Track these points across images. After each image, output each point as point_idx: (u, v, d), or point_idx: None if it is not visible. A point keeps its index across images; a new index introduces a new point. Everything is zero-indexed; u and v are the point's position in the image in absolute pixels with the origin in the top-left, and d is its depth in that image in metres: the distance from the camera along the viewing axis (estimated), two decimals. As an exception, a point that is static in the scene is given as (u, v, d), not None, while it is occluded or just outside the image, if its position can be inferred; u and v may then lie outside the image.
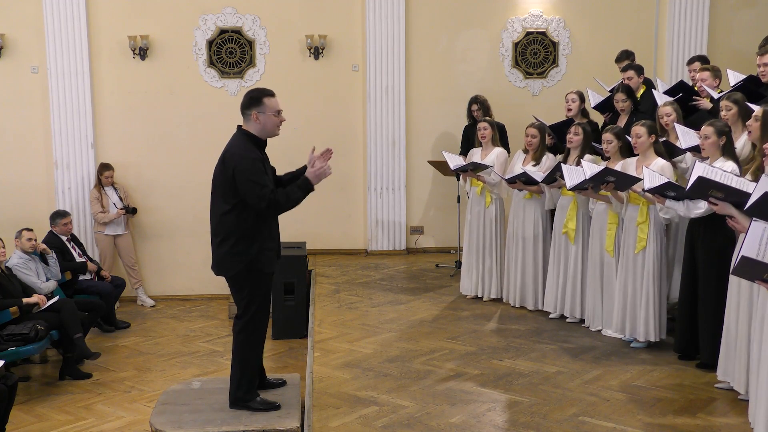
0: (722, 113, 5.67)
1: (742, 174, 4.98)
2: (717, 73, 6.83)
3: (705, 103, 6.67)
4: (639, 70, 7.63)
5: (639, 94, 7.49)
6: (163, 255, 9.98)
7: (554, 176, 6.75)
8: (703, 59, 7.73)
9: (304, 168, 5.10)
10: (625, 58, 8.30)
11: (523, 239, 7.27)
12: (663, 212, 5.87)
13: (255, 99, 4.93)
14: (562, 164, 6.55)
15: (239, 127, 5.03)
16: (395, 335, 6.62)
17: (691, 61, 7.88)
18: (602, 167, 6.03)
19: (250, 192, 4.78)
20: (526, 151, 7.35)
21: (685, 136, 6.06)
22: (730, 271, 4.21)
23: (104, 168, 9.47)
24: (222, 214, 4.91)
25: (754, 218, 4.14)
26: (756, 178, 4.77)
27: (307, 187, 4.92)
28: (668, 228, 6.36)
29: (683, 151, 6.14)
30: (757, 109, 5.06)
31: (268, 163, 5.02)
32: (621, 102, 7.15)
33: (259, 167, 4.84)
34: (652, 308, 6.01)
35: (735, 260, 4.02)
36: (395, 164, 10.02)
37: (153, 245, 9.97)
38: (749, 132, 5.11)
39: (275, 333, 8.15)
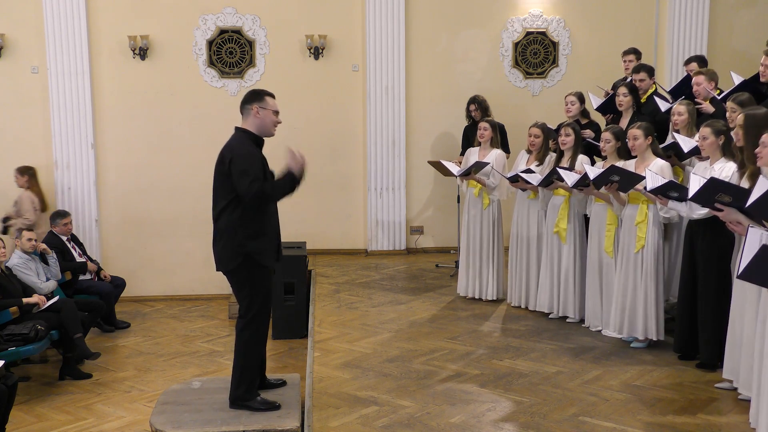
0: (728, 114, 5.65)
1: (740, 178, 4.98)
2: (713, 76, 6.78)
3: (707, 107, 6.65)
4: (651, 72, 7.57)
5: (650, 92, 7.43)
6: (163, 255, 9.98)
7: (551, 179, 6.75)
8: (700, 59, 7.72)
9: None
10: (633, 53, 8.27)
11: (526, 239, 7.27)
12: (664, 212, 5.87)
13: (257, 94, 5.08)
14: (558, 168, 6.56)
15: (237, 127, 5.10)
16: (395, 335, 6.62)
17: (688, 62, 7.87)
18: (607, 167, 6.03)
19: (241, 182, 4.82)
20: (529, 152, 7.35)
21: (684, 143, 6.07)
22: (736, 276, 4.19)
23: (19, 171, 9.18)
24: (221, 210, 4.98)
25: (750, 225, 4.15)
26: (755, 183, 4.77)
27: (289, 178, 4.85)
28: (668, 228, 6.37)
29: (688, 156, 6.14)
30: (738, 117, 5.05)
31: (266, 164, 5.07)
32: (622, 96, 7.07)
33: (255, 160, 4.92)
34: (652, 307, 6.01)
35: (738, 266, 4.01)
36: (395, 164, 10.02)
37: (153, 245, 9.97)
38: (736, 139, 5.09)
39: (275, 333, 8.15)
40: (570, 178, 6.40)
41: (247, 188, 4.81)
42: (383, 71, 9.87)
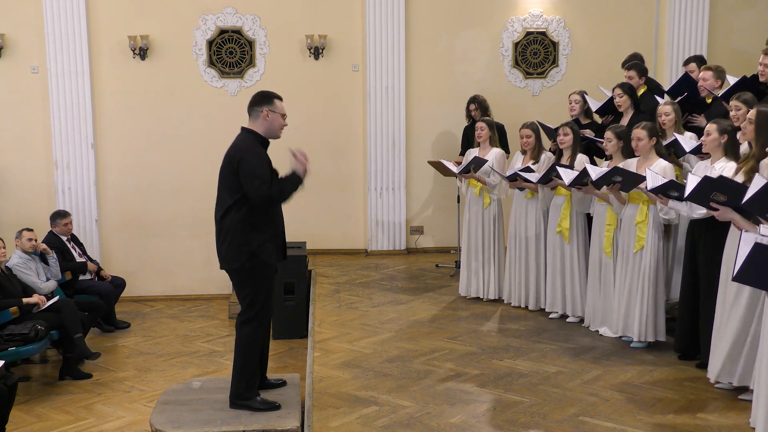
0: (732, 113, 5.65)
1: (735, 173, 5.00)
2: (720, 75, 6.77)
3: (701, 120, 6.62)
4: (642, 71, 7.57)
5: (639, 94, 7.45)
6: (163, 255, 9.98)
7: (550, 176, 6.75)
8: (699, 59, 7.71)
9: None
10: (635, 69, 8.23)
11: (525, 239, 7.27)
12: (663, 212, 5.86)
13: (267, 97, 5.08)
14: (557, 166, 6.56)
15: (243, 128, 5.10)
16: (395, 335, 6.62)
17: (687, 62, 7.86)
18: (610, 168, 6.02)
19: (250, 184, 4.86)
20: (524, 152, 7.36)
21: (684, 142, 6.07)
22: (731, 278, 4.18)
23: None
24: (227, 209, 4.99)
25: (744, 230, 4.15)
26: (749, 179, 4.79)
27: (294, 179, 4.96)
28: (668, 228, 6.36)
29: (687, 153, 6.14)
30: (750, 111, 5.07)
31: (271, 165, 5.08)
32: (618, 97, 7.06)
33: (264, 163, 4.95)
34: (651, 308, 6.00)
35: (735, 267, 4.01)
36: (395, 164, 10.02)
37: (153, 245, 9.96)
38: (743, 133, 5.11)
39: (275, 333, 8.13)
40: (568, 176, 6.39)
41: (255, 190, 4.85)
42: (383, 71, 9.87)
